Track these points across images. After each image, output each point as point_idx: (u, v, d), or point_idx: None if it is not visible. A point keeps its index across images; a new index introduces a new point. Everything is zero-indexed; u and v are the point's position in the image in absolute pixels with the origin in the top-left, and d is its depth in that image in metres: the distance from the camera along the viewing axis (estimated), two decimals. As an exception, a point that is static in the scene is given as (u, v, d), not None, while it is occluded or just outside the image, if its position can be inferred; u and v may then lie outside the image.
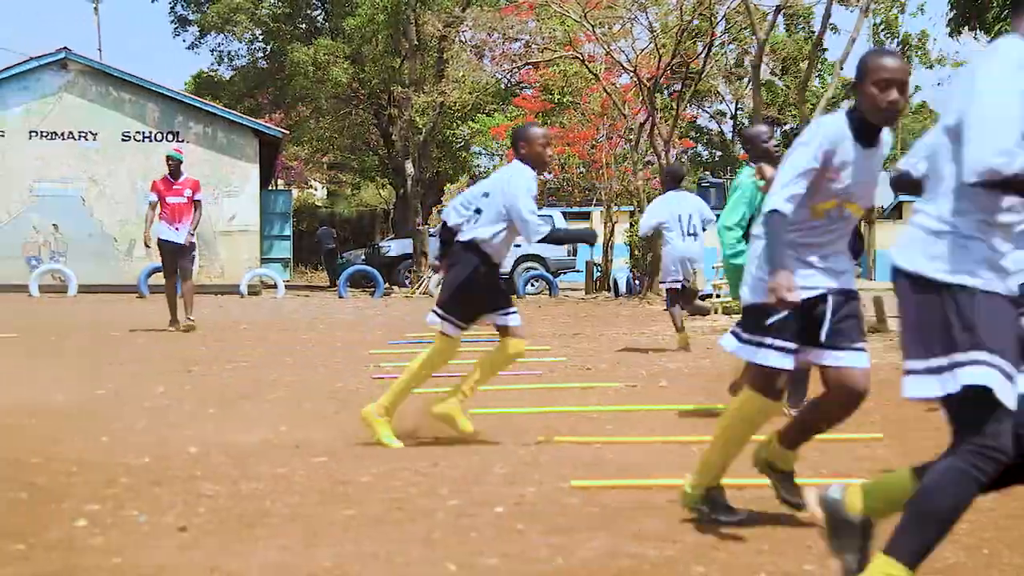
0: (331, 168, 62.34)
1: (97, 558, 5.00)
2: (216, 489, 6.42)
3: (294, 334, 18.06)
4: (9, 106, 34.32)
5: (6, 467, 6.97)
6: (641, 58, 33.36)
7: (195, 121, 35.11)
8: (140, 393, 10.69)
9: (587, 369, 13.01)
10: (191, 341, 16.42)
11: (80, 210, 34.30)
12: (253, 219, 35.49)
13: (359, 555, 5.08)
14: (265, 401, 10.20)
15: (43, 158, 33.88)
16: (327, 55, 41.71)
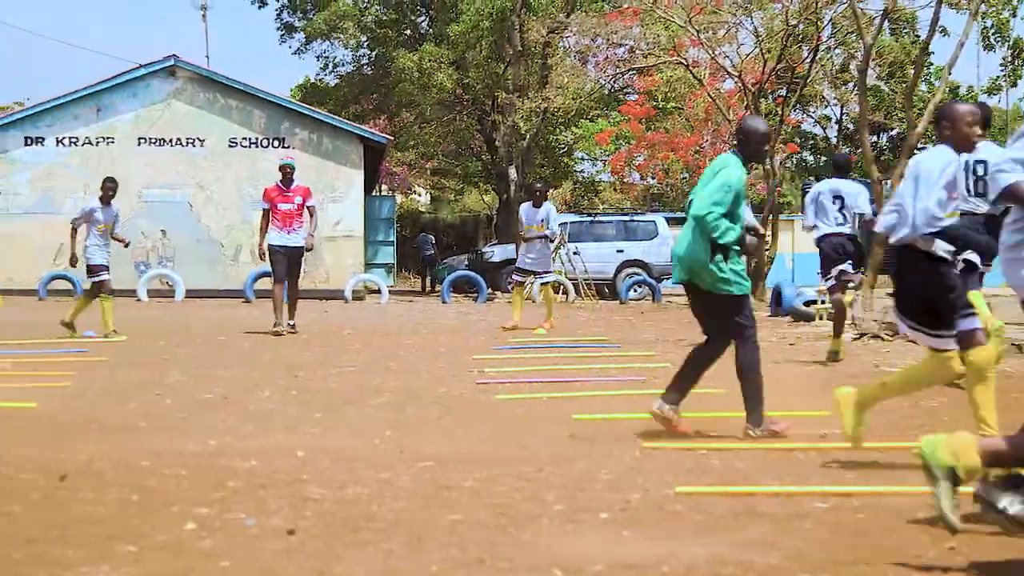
0: (435, 174, 62.52)
1: (206, 561, 5.05)
2: (322, 493, 6.45)
3: (398, 339, 18.12)
4: (119, 113, 34.79)
5: (118, 470, 7.06)
6: (746, 63, 33.14)
7: (301, 127, 35.37)
8: (246, 397, 10.78)
9: (692, 375, 12.93)
10: (296, 346, 16.53)
11: (188, 216, 34.69)
12: (358, 225, 35.69)
13: (464, 560, 5.09)
14: (369, 406, 10.24)
15: (152, 164, 34.30)
16: (431, 61, 41.83)
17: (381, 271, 37.19)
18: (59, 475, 6.85)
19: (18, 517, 5.83)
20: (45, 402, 10.22)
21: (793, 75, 35.62)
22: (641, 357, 15.06)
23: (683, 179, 41.51)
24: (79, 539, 5.39)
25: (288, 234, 18.45)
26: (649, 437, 8.40)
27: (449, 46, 42.52)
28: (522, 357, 15.14)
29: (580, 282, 33.92)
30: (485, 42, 42.56)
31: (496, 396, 10.86)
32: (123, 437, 8.38)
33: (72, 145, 34.64)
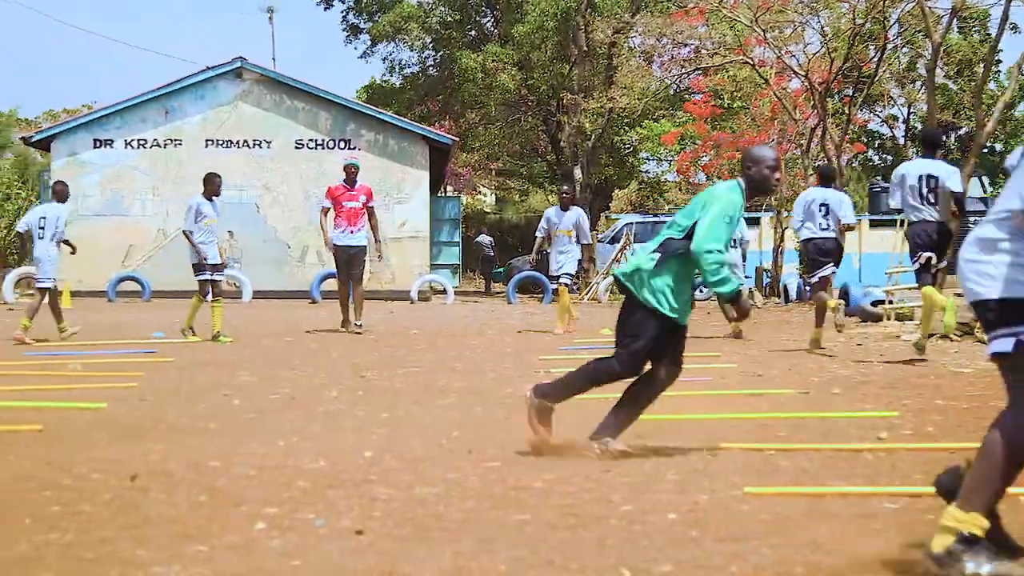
0: (500, 174, 62.62)
1: (276, 560, 5.07)
2: (390, 493, 6.47)
3: (463, 340, 18.16)
4: (187, 115, 35.08)
5: (187, 471, 7.11)
6: (812, 62, 33.01)
7: (367, 129, 35.53)
8: (314, 398, 10.84)
9: (758, 376, 12.89)
10: (363, 346, 16.60)
11: (255, 217, 34.91)
12: (423, 225, 35.81)
13: (534, 561, 5.09)
14: (436, 406, 10.26)
15: (219, 166, 34.35)
16: (496, 62, 41.91)
17: (446, 272, 37.31)
18: (130, 475, 6.90)
19: (90, 517, 5.88)
20: (115, 403, 10.31)
21: (860, 74, 35.47)
22: (707, 358, 15.00)
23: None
24: (150, 539, 5.43)
25: (351, 233, 18.75)
26: (716, 438, 8.37)
27: (514, 47, 42.59)
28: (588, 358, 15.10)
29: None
30: (550, 42, 42.60)
31: (562, 397, 10.85)
32: (192, 438, 8.44)
33: (140, 147, 34.96)
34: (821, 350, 15.84)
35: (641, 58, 42.86)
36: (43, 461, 7.41)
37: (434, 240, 37.35)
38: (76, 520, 5.82)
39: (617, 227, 38.98)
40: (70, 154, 35.04)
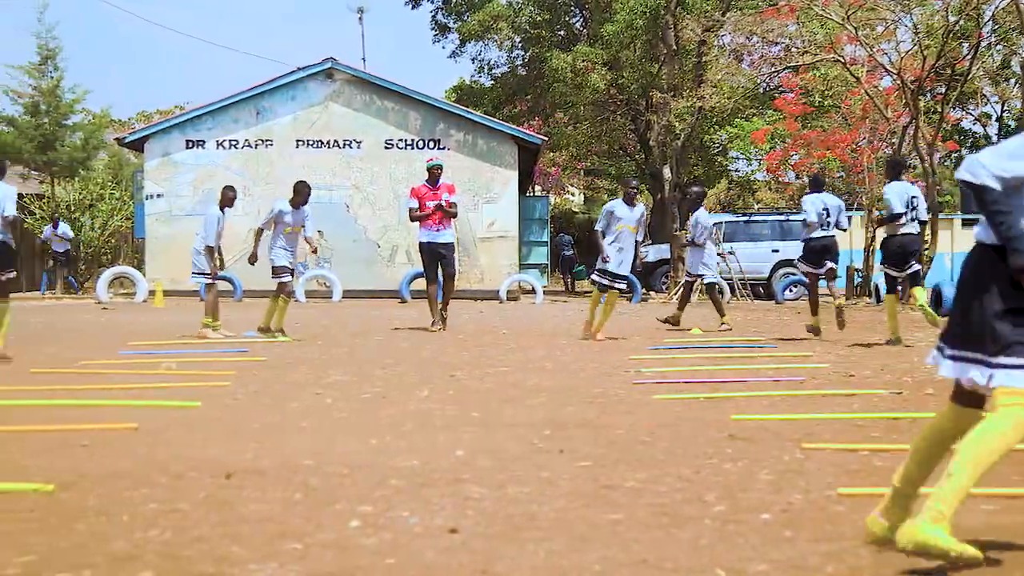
0: (588, 174, 62.55)
1: (371, 558, 5.09)
2: (483, 492, 6.49)
3: (553, 339, 18.15)
4: (278, 116, 35.33)
5: (281, 469, 7.16)
6: (905, 60, 32.69)
7: (456, 129, 35.60)
8: (405, 396, 10.88)
9: (850, 376, 12.80)
10: (453, 346, 16.65)
11: (344, 217, 35.10)
12: (512, 225, 35.84)
13: (626, 560, 5.08)
14: (526, 406, 10.26)
15: (309, 166, 34.71)
16: (585, 61, 41.85)
17: (535, 271, 37.32)
18: (224, 474, 6.96)
19: (187, 515, 5.94)
20: (209, 402, 10.40)
21: (953, 72, 35.06)
22: (798, 357, 14.95)
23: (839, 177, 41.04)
24: (246, 536, 5.47)
25: (437, 232, 18.90)
26: (809, 438, 8.32)
27: (603, 46, 42.50)
28: (678, 357, 15.10)
29: (735, 282, 33.76)
30: (639, 41, 42.50)
31: (654, 396, 10.84)
32: (285, 436, 8.50)
33: (232, 148, 35.24)
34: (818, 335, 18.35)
35: (731, 56, 42.66)
36: (140, 459, 7.49)
37: (523, 240, 37.38)
38: (172, 518, 5.88)
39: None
40: (163, 154, 35.38)
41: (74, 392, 11.22)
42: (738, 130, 46.50)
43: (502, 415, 9.66)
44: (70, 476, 6.91)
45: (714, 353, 15.76)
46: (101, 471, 7.09)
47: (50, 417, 9.54)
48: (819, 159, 38.84)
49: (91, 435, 8.47)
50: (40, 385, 11.88)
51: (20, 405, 10.28)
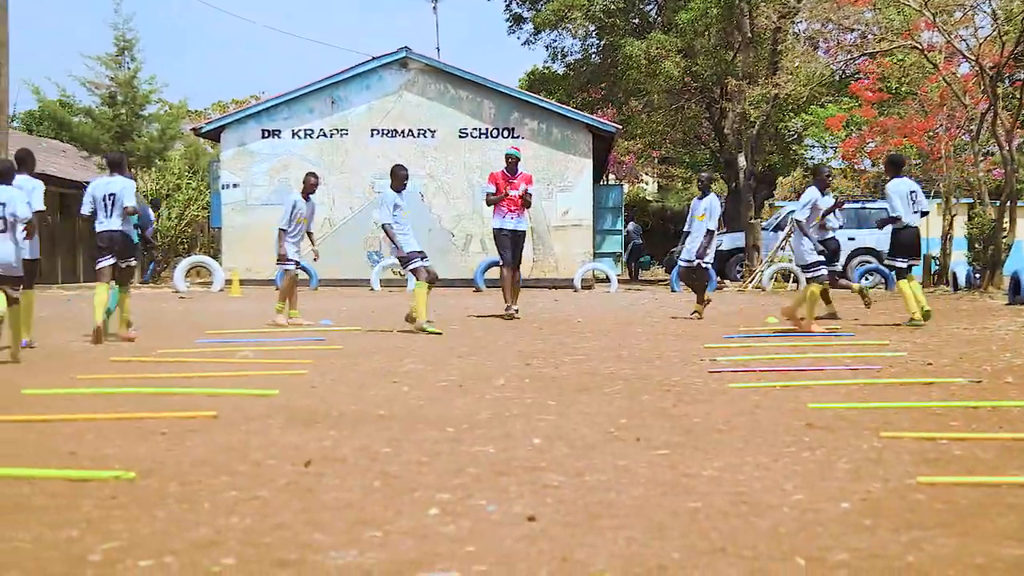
0: (662, 162, 62.43)
1: (450, 546, 5.11)
2: (561, 480, 6.49)
3: (628, 328, 18.13)
4: (353, 105, 35.46)
5: (359, 457, 7.19)
6: (983, 46, 32.35)
7: (530, 117, 35.61)
8: (482, 385, 10.90)
9: (928, 364, 12.71)
10: (529, 334, 16.66)
11: (419, 206, 35.15)
12: (586, 214, 35.81)
13: (706, 548, 5.08)
14: (603, 394, 10.26)
15: (384, 155, 34.82)
16: (660, 49, 41.69)
17: (609, 260, 37.26)
18: (304, 461, 7.01)
19: (267, 502, 5.98)
20: (287, 390, 10.47)
21: (1033, 58, 34.69)
22: (875, 346, 14.86)
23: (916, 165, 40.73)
24: (326, 523, 5.50)
25: (513, 219, 19.02)
26: (888, 426, 8.28)
27: (677, 34, 42.33)
28: (754, 346, 15.05)
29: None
30: (714, 29, 42.31)
31: (729, 385, 10.81)
32: (363, 424, 8.54)
33: (307, 137, 35.40)
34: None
35: (807, 43, 42.38)
36: (219, 447, 7.55)
37: (597, 228, 37.31)
38: (253, 505, 5.92)
39: (780, 215, 38.64)
40: (239, 144, 35.59)
41: (153, 380, 11.33)
42: (813, 117, 46.21)
43: (578, 403, 9.67)
44: (150, 464, 6.98)
45: (790, 342, 15.69)
46: (181, 459, 7.16)
47: (129, 405, 9.64)
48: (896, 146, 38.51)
49: (170, 423, 8.55)
50: (119, 373, 12.00)
51: (100, 393, 10.39)
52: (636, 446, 7.56)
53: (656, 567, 4.81)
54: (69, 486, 6.39)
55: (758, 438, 7.86)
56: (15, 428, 8.45)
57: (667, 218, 59.47)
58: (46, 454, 7.36)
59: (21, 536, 5.31)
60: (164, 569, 4.78)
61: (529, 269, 34.86)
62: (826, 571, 4.80)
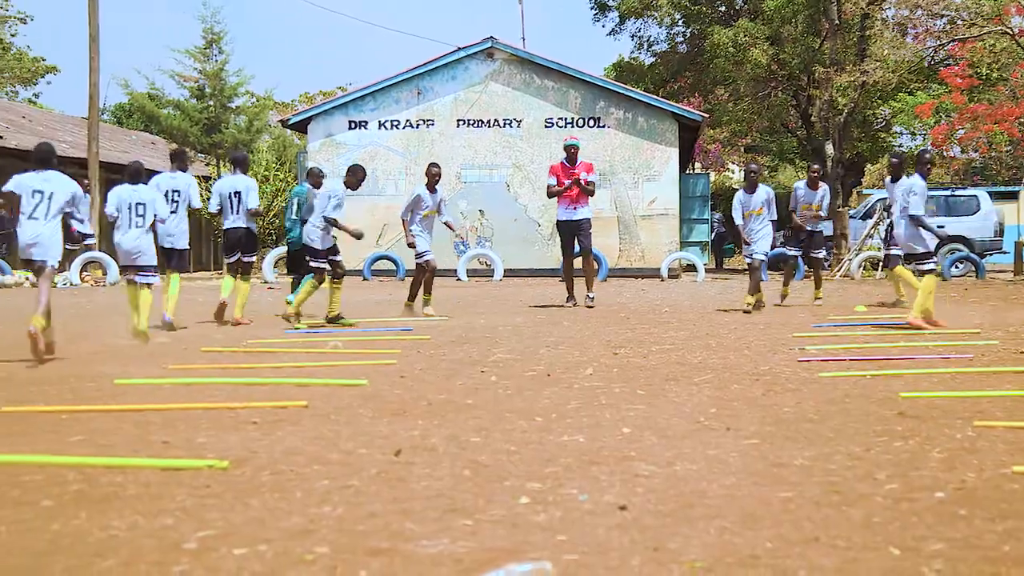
0: (748, 151, 62.07)
1: (542, 535, 5.11)
2: (652, 470, 6.48)
3: (716, 317, 18.07)
4: (439, 95, 35.55)
5: (449, 446, 7.21)
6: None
7: (616, 107, 35.55)
8: (570, 375, 10.89)
9: (1021, 352, 12.57)
10: (615, 324, 16.63)
11: (505, 196, 35.22)
12: (673, 203, 35.72)
13: (799, 538, 5.05)
14: (692, 383, 10.23)
15: (470, 145, 34.91)
16: (747, 37, 41.50)
17: (696, 249, 37.12)
18: (394, 450, 7.03)
19: (359, 491, 6.00)
20: (376, 380, 10.52)
21: (1125, 42, 34.22)
22: (966, 335, 14.72)
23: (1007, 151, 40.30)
24: (418, 512, 5.52)
25: (574, 210, 19.17)
26: (981, 416, 8.20)
27: (764, 21, 42.12)
28: (843, 335, 14.95)
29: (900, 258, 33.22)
30: (801, 16, 42.05)
31: (819, 374, 10.74)
32: (452, 413, 8.56)
33: (394, 128, 35.53)
34: None
35: (895, 30, 42.02)
36: (310, 437, 7.60)
37: (683, 218, 37.19)
38: (345, 494, 5.95)
39: (869, 202, 38.33)
40: (326, 135, 35.79)
41: (243, 371, 11.42)
42: (902, 104, 45.83)
43: (667, 393, 9.64)
44: (242, 453, 7.04)
45: (880, 331, 15.57)
46: (273, 448, 7.21)
47: (220, 395, 9.72)
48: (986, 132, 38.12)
49: (261, 413, 8.61)
50: (210, 364, 12.11)
51: (191, 384, 10.49)
52: (726, 435, 7.53)
53: (748, 557, 4.79)
54: (163, 475, 6.45)
55: (849, 427, 7.81)
56: (109, 418, 8.54)
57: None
58: (139, 444, 7.44)
59: (117, 524, 5.37)
60: (258, 557, 4.82)
61: (615, 258, 34.83)
62: (921, 561, 4.76)
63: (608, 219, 35.01)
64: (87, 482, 6.28)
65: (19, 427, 8.15)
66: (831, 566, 4.68)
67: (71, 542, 5.08)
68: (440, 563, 4.71)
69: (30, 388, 10.34)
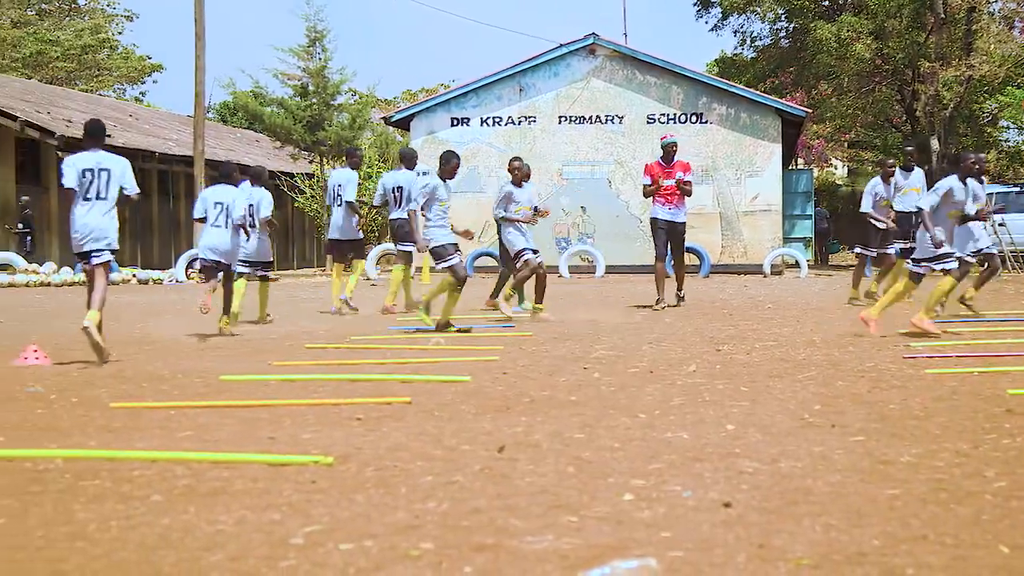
0: (852, 146, 61.52)
1: (646, 532, 5.10)
2: (756, 467, 6.44)
3: (819, 313, 17.96)
4: (540, 92, 35.60)
5: (552, 442, 7.21)
6: None
7: (718, 102, 35.42)
8: (672, 371, 10.87)
9: None
10: (718, 320, 16.60)
11: (606, 192, 35.21)
12: (775, 199, 35.53)
13: (906, 536, 5.00)
14: (796, 380, 10.17)
15: (572, 142, 34.92)
16: (850, 31, 41.14)
17: (799, 245, 36.90)
18: (498, 447, 7.05)
19: (463, 487, 6.02)
20: (478, 376, 10.56)
21: None
22: (1076, 332, 14.53)
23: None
24: (522, 508, 5.53)
25: (670, 209, 18.75)
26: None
27: (868, 15, 41.75)
28: (949, 331, 14.77)
29: (1006, 254, 32.88)
30: (906, 10, 41.63)
31: (925, 370, 10.64)
32: (554, 410, 8.57)
33: (496, 125, 35.60)
34: None
35: (1002, 23, 41.51)
36: (414, 433, 7.63)
37: (786, 214, 36.98)
38: (449, 490, 5.97)
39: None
40: (428, 132, 35.96)
41: (346, 367, 11.50)
42: (1009, 98, 45.21)
43: (771, 389, 9.60)
44: (347, 449, 7.08)
45: (987, 327, 15.40)
46: (377, 444, 7.25)
47: (324, 391, 9.80)
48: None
49: (365, 409, 8.67)
50: (314, 360, 12.21)
51: (296, 380, 10.57)
52: (831, 432, 7.48)
53: (855, 554, 4.75)
54: (269, 470, 6.51)
55: (956, 424, 7.73)
56: (215, 414, 8.64)
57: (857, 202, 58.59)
58: (246, 439, 7.52)
59: (224, 519, 5.42)
60: (364, 552, 4.85)
61: (717, 255, 34.70)
62: (1031, 560, 4.71)
63: (710, 215, 34.90)
64: (195, 477, 6.35)
65: (129, 423, 8.27)
66: (939, 564, 4.63)
67: (180, 536, 5.14)
68: (545, 559, 4.71)
69: (139, 384, 10.48)
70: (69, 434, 7.80)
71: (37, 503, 5.81)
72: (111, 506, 5.72)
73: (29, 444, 7.38)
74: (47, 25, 66.31)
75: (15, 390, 10.09)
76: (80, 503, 5.80)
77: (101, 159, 12.62)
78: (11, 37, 62.66)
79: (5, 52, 61.74)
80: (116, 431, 7.91)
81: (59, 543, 5.06)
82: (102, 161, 12.62)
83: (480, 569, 4.60)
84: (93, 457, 6.90)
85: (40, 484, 6.25)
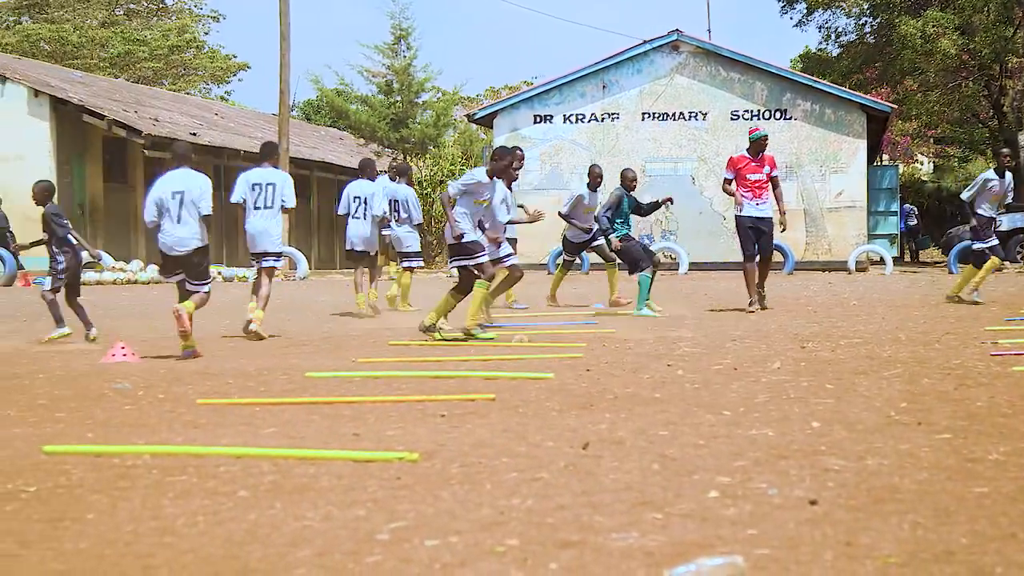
0: (938, 142, 61.05)
1: (731, 529, 5.08)
2: (842, 464, 6.40)
3: (905, 310, 17.83)
4: (624, 89, 35.58)
5: (637, 439, 7.20)
6: None
7: (803, 98, 35.25)
8: (757, 368, 10.83)
9: None
10: (802, 317, 16.53)
11: (690, 189, 35.12)
12: (860, 195, 35.32)
13: (995, 534, 4.94)
14: (881, 378, 10.10)
15: (654, 139, 34.85)
16: (936, 27, 40.81)
17: (884, 242, 36.64)
18: (582, 443, 7.04)
19: (547, 483, 6.02)
20: (562, 373, 10.56)
21: None
22: None
23: None
24: (607, 505, 5.52)
25: (758, 205, 18.24)
26: None
27: (954, 11, 41.40)
28: (1037, 329, 14.63)
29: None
30: (993, 4, 41.25)
31: (1013, 368, 10.53)
32: (638, 407, 8.55)
33: (579, 122, 35.61)
34: None
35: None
36: (498, 429, 7.64)
37: (871, 210, 36.73)
38: (534, 486, 5.97)
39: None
40: (511, 130, 35.99)
41: (429, 364, 11.54)
42: (1099, 93, 44.74)
43: (856, 387, 9.53)
44: (432, 445, 7.10)
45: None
46: (462, 440, 7.26)
47: (408, 388, 9.84)
48: None
49: (449, 406, 8.69)
50: (397, 357, 12.26)
51: (379, 376, 10.62)
52: (918, 430, 7.42)
53: (943, 552, 4.71)
54: (354, 467, 6.54)
55: (1044, 422, 7.66)
56: (300, 410, 8.70)
57: (943, 199, 58.11)
58: (330, 436, 7.56)
59: (310, 515, 5.46)
60: (450, 548, 4.86)
61: (802, 251, 34.53)
62: (1123, 559, 4.65)
63: (794, 212, 34.71)
64: (281, 473, 6.40)
65: (214, 419, 8.34)
66: (1029, 563, 4.59)
67: (267, 532, 5.17)
68: (630, 556, 4.71)
69: (225, 381, 10.58)
70: (156, 430, 7.89)
71: (126, 498, 5.87)
72: (198, 502, 5.77)
73: (117, 440, 7.47)
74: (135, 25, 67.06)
75: (103, 387, 10.21)
76: (168, 498, 5.85)
77: (267, 175, 15.55)
78: (99, 37, 63.39)
79: (93, 52, 62.46)
80: (202, 427, 7.99)
81: (147, 538, 5.11)
82: (268, 176, 15.53)
83: (565, 566, 4.60)
84: (180, 453, 6.97)
85: (128, 480, 6.32)
